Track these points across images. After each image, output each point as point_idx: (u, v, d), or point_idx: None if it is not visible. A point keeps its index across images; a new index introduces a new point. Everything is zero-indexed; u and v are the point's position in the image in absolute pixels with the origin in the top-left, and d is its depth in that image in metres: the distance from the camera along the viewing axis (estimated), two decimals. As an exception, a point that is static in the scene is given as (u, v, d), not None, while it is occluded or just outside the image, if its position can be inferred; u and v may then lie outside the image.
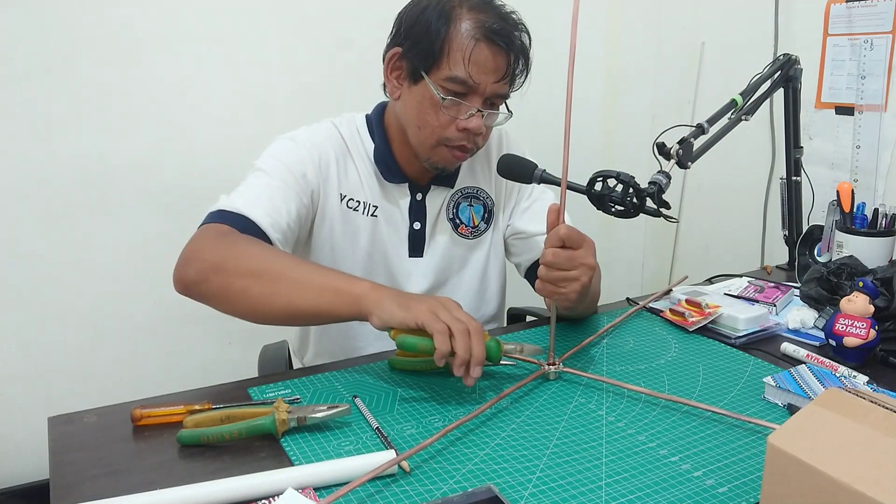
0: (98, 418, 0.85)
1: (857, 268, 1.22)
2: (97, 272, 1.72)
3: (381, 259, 1.15)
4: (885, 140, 1.57)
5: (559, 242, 0.88)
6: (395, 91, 1.08)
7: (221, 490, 0.68)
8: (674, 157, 1.07)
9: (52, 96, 1.61)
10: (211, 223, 0.99)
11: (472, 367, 0.83)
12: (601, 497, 0.70)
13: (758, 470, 0.74)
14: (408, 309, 0.85)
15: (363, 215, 1.13)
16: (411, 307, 0.85)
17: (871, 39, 1.56)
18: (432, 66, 1.02)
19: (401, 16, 1.06)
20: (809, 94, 1.68)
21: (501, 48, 1.01)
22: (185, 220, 1.76)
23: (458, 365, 0.83)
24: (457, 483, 0.72)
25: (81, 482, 0.72)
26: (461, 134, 1.04)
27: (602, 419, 0.85)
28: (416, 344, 0.85)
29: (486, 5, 1.03)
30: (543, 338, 1.10)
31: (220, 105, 1.77)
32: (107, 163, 1.68)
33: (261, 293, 0.90)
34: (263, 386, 0.93)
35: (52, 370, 1.71)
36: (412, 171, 1.14)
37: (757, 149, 1.92)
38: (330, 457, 0.76)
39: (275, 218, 1.01)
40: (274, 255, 0.95)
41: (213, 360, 1.85)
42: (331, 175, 1.10)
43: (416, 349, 0.86)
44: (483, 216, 1.21)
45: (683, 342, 1.10)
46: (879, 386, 0.93)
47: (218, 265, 0.91)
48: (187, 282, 0.93)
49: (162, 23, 1.68)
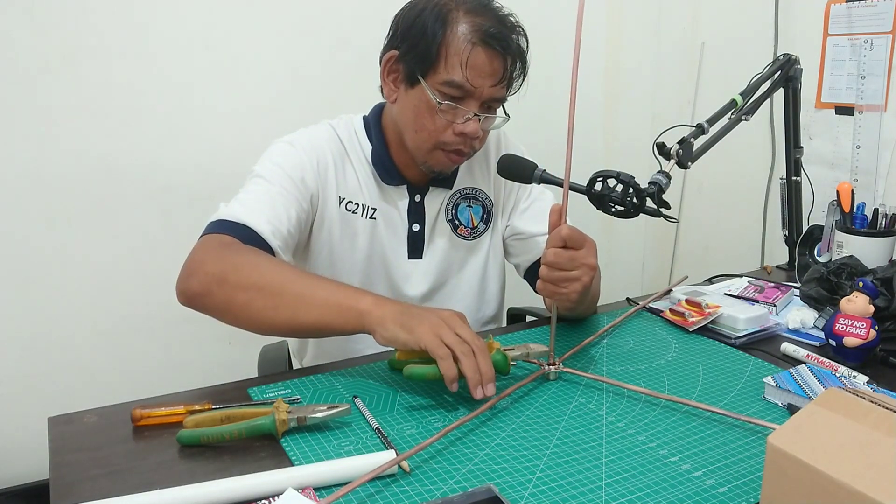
0: (98, 418, 0.85)
1: (857, 268, 1.22)
2: (97, 272, 1.72)
3: (380, 261, 1.14)
4: (885, 140, 1.57)
5: (561, 243, 0.88)
6: (392, 94, 1.07)
7: (221, 490, 0.68)
8: (674, 157, 1.07)
9: (52, 96, 1.61)
10: (212, 233, 0.98)
11: (485, 387, 0.84)
12: (601, 497, 0.70)
13: (758, 470, 0.74)
14: (410, 331, 0.85)
15: (362, 218, 1.12)
16: (414, 329, 0.85)
17: (871, 39, 1.56)
18: (429, 70, 1.01)
19: (397, 18, 1.06)
20: (809, 94, 1.68)
21: (498, 52, 1.00)
22: (186, 221, 1.78)
23: (474, 387, 0.84)
24: (457, 483, 0.72)
25: (81, 482, 0.72)
26: (458, 138, 1.04)
27: (602, 419, 0.85)
28: (424, 374, 0.87)
29: (483, 8, 1.02)
30: (543, 338, 1.10)
31: (220, 105, 1.77)
32: (107, 163, 1.68)
33: (264, 307, 0.90)
34: (263, 386, 0.93)
35: (52, 370, 1.71)
36: (410, 172, 1.14)
37: (757, 149, 1.92)
38: (330, 457, 0.76)
39: (275, 225, 1.00)
40: (277, 268, 0.94)
41: (213, 360, 1.85)
42: (329, 178, 1.10)
43: (426, 378, 0.87)
44: (482, 217, 1.21)
45: (683, 342, 1.10)
46: (879, 386, 0.93)
47: (220, 278, 0.91)
48: (190, 294, 0.93)
49: (162, 23, 1.68)
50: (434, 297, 1.19)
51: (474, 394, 0.84)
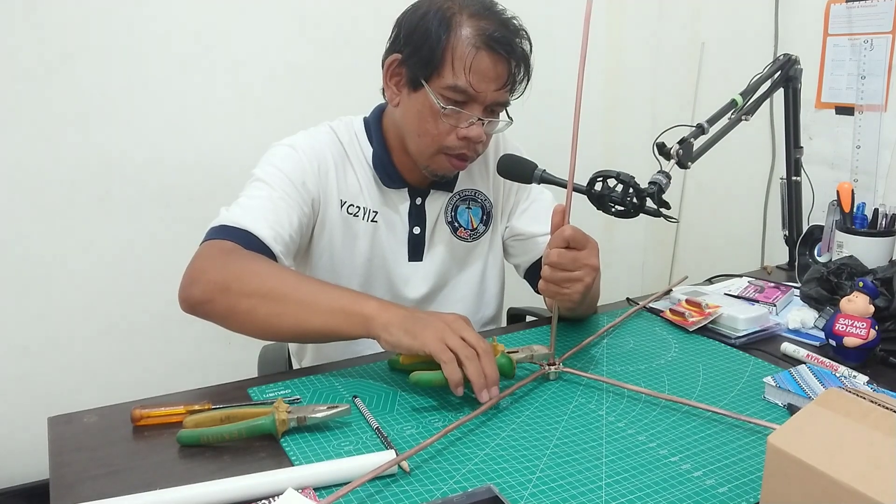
0: (98, 418, 0.85)
1: (857, 268, 1.22)
2: (97, 272, 1.72)
3: (380, 264, 1.14)
4: (885, 140, 1.57)
5: (564, 243, 0.88)
6: (395, 97, 1.07)
7: (221, 490, 0.68)
8: (674, 157, 1.07)
9: (52, 96, 1.60)
10: (213, 239, 0.98)
11: (489, 389, 0.84)
12: (601, 497, 0.70)
13: (758, 470, 0.74)
14: (415, 336, 0.85)
15: (363, 221, 1.12)
16: (419, 334, 0.85)
17: (871, 39, 1.56)
18: (432, 74, 1.00)
19: (400, 21, 1.05)
20: (809, 94, 1.68)
21: (502, 56, 1.00)
22: (186, 221, 1.78)
23: (479, 391, 0.84)
24: (457, 483, 0.72)
25: (81, 482, 0.72)
26: (461, 142, 1.04)
27: (602, 419, 0.85)
28: (431, 380, 0.87)
29: (486, 11, 1.01)
30: (544, 338, 1.10)
31: (220, 105, 1.77)
32: (107, 162, 1.68)
33: (268, 313, 0.90)
34: (263, 386, 0.93)
35: (52, 370, 1.71)
36: (411, 175, 1.13)
37: (757, 149, 1.92)
38: (330, 457, 0.76)
39: (277, 230, 1.00)
40: (280, 274, 0.94)
41: (213, 360, 1.85)
42: (330, 182, 1.09)
43: (432, 384, 0.87)
44: (481, 218, 1.20)
45: (683, 342, 1.10)
46: (879, 386, 0.93)
47: (223, 285, 0.91)
48: (192, 302, 0.93)
49: (162, 23, 1.68)
50: (433, 299, 1.19)
51: (480, 397, 0.84)
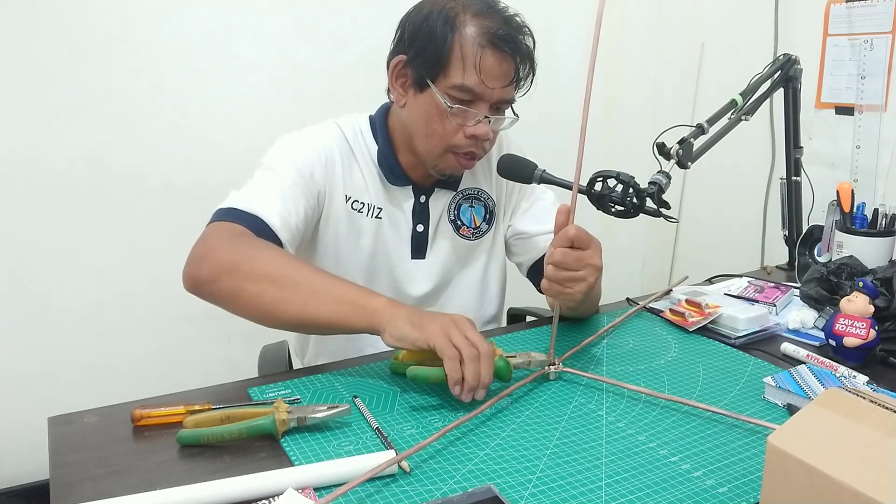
0: (98, 418, 0.85)
1: (857, 268, 1.22)
2: (97, 272, 1.72)
3: (383, 261, 1.14)
4: (885, 140, 1.57)
5: (568, 243, 0.89)
6: (401, 98, 1.07)
7: (221, 490, 0.68)
8: (674, 157, 1.07)
9: (52, 96, 1.60)
10: (222, 221, 0.98)
11: (476, 391, 0.85)
12: (601, 497, 0.70)
13: (758, 470, 0.74)
14: (421, 329, 0.86)
15: (367, 217, 1.12)
16: (424, 327, 0.86)
17: (871, 39, 1.56)
18: (438, 75, 1.01)
19: (403, 22, 1.05)
20: (809, 94, 1.68)
21: (507, 54, 1.00)
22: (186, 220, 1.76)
23: (467, 391, 0.85)
24: (457, 483, 0.72)
25: (81, 482, 0.72)
26: (469, 141, 1.04)
27: (602, 419, 0.85)
28: (428, 376, 0.87)
29: (490, 10, 1.02)
30: (544, 338, 1.10)
31: (220, 105, 1.77)
32: (107, 162, 1.68)
33: (275, 298, 0.90)
34: (263, 386, 0.93)
35: (52, 370, 1.71)
36: (415, 174, 1.14)
37: (757, 149, 1.92)
38: (330, 457, 0.76)
39: (285, 218, 1.00)
40: (291, 262, 0.94)
41: (213, 360, 1.85)
42: (336, 176, 1.10)
43: (430, 380, 0.87)
44: (484, 217, 1.21)
45: (683, 342, 1.10)
46: (879, 386, 0.93)
47: (232, 266, 0.91)
48: (198, 280, 0.93)
49: (162, 23, 1.68)
50: (436, 297, 1.19)
51: (464, 397, 0.85)
